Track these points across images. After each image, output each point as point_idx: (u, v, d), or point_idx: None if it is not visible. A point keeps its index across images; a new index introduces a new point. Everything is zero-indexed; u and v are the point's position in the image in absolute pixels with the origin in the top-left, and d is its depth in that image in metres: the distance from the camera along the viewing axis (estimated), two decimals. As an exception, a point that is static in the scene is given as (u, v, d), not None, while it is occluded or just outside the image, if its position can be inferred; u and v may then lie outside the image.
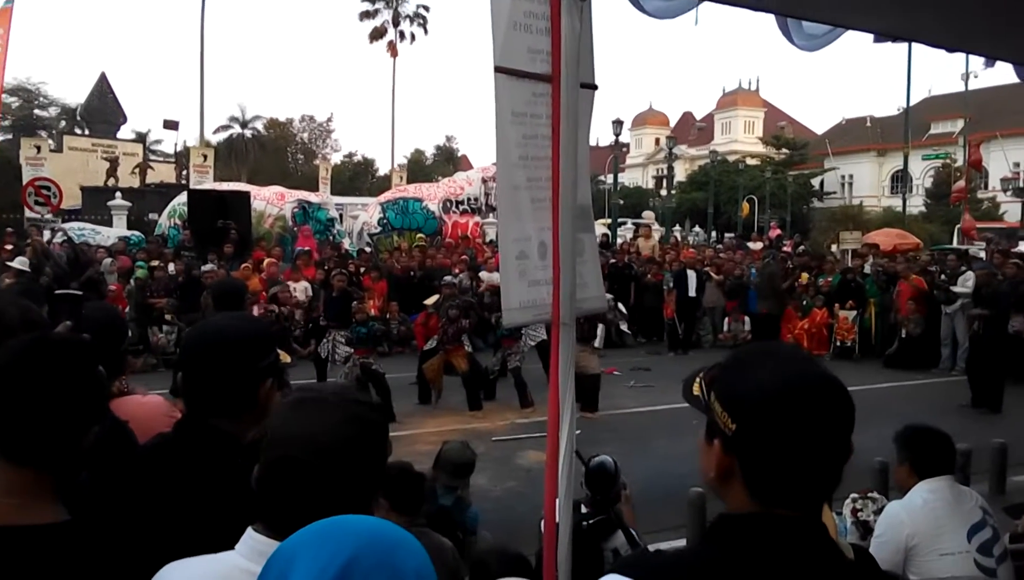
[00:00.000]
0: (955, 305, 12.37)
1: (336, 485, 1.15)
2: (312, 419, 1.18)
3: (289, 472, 1.15)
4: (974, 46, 4.05)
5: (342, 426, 1.17)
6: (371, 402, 1.28)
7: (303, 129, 59.92)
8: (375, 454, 1.22)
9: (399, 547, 0.91)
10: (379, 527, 0.94)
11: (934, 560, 2.76)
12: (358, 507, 1.18)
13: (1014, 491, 6.39)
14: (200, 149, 30.12)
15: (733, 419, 1.09)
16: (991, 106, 44.07)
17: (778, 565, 1.04)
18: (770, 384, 1.08)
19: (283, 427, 1.19)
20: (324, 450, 1.15)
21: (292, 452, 1.15)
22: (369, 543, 0.90)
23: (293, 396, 1.25)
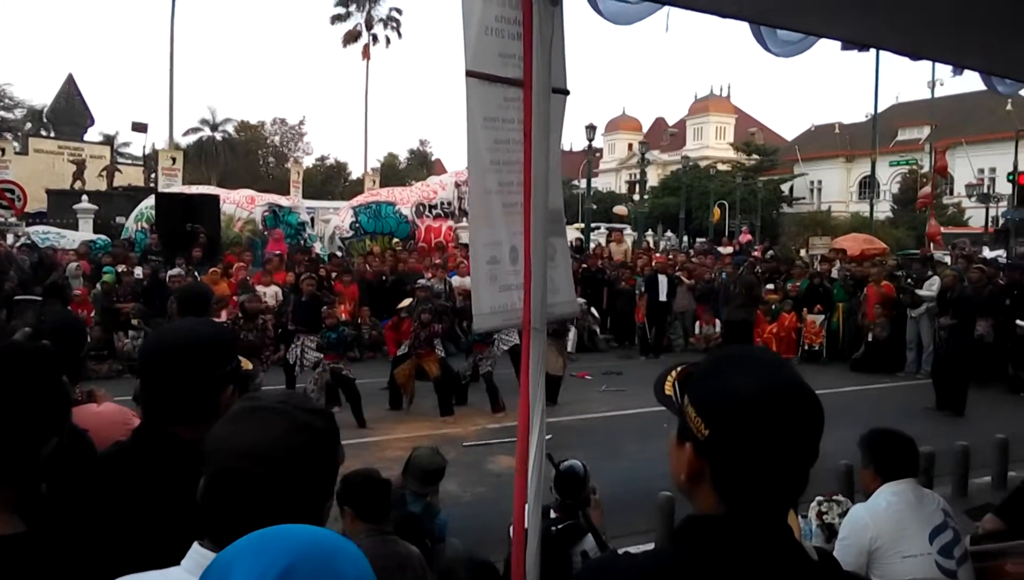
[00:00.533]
0: (920, 309, 12.60)
1: (283, 496, 1.12)
2: (256, 429, 1.15)
3: (233, 485, 1.12)
4: (939, 54, 4.13)
5: (288, 436, 1.14)
6: (319, 409, 1.24)
7: (275, 132, 59.52)
8: (324, 463, 1.19)
9: (338, 555, 0.90)
10: (317, 536, 0.93)
11: (897, 562, 2.79)
12: (307, 517, 1.16)
13: (976, 493, 6.51)
14: (169, 152, 29.73)
15: (707, 424, 1.10)
16: (957, 113, 45.04)
17: (745, 566, 1.05)
18: (744, 391, 1.09)
19: (226, 438, 1.16)
20: (269, 461, 1.12)
21: (235, 464, 1.12)
22: (306, 552, 0.88)
23: (237, 406, 1.21)
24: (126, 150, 45.95)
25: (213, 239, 15.60)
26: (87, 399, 2.25)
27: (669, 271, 15.27)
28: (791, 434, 1.07)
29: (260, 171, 54.86)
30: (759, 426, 1.06)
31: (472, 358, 9.88)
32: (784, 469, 1.08)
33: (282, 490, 1.12)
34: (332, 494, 1.24)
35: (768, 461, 1.07)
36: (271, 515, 1.11)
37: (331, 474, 1.22)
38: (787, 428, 1.07)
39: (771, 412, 1.07)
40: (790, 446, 1.07)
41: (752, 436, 1.06)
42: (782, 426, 1.06)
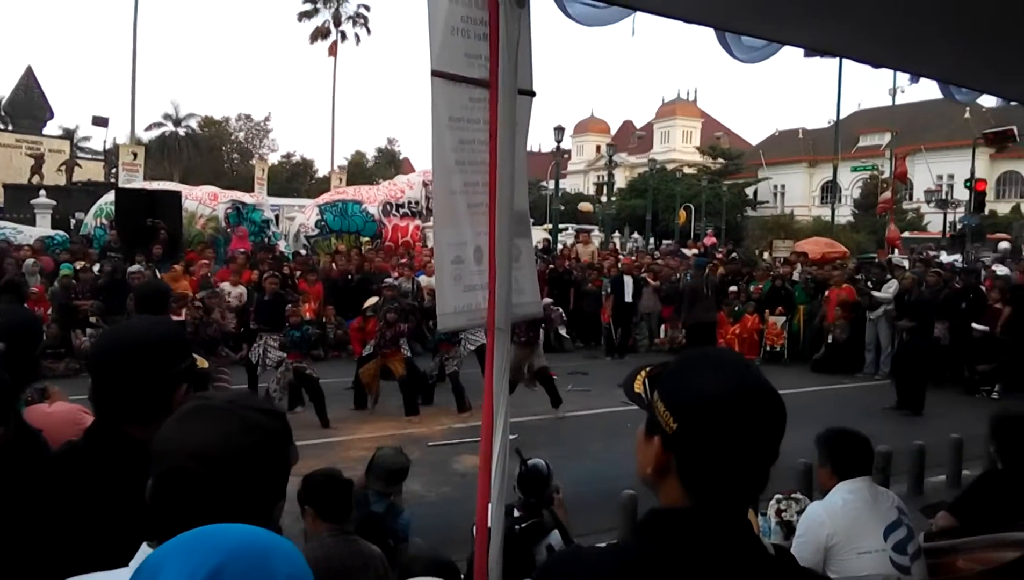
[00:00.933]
0: (878, 311, 12.87)
1: (232, 496, 1.11)
2: (204, 428, 1.14)
3: (181, 485, 1.11)
4: (899, 63, 4.22)
5: (237, 435, 1.13)
6: (269, 409, 1.22)
7: (239, 128, 58.84)
8: (274, 463, 1.17)
9: (272, 553, 0.90)
10: (250, 534, 0.92)
11: (852, 559, 2.85)
12: (257, 518, 1.16)
13: (931, 491, 6.66)
14: (130, 147, 29.15)
15: (675, 418, 1.14)
16: (917, 120, 46.10)
17: (706, 558, 1.08)
18: (713, 388, 1.13)
19: (174, 438, 1.14)
20: (218, 460, 1.11)
21: (183, 464, 1.11)
22: (238, 550, 0.88)
23: (185, 405, 1.20)
24: (86, 144, 45.11)
25: (174, 236, 15.34)
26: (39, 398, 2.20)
27: (635, 273, 15.39)
28: (755, 431, 1.11)
29: (224, 168, 54.13)
30: (726, 422, 1.10)
31: (438, 358, 9.86)
32: (747, 465, 1.12)
33: (231, 490, 1.11)
34: (284, 494, 1.22)
35: (733, 456, 1.11)
36: (220, 515, 1.10)
37: (282, 474, 1.21)
38: (752, 425, 1.11)
39: (737, 409, 1.11)
40: (754, 443, 1.11)
41: (718, 431, 1.10)
42: (747, 423, 1.11)
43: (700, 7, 3.09)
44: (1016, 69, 3.89)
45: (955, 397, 11.24)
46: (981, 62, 3.71)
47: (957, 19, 3.02)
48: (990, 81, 4.25)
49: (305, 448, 7.70)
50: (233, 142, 58.89)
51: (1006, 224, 37.13)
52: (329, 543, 2.98)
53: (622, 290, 14.62)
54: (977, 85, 4.20)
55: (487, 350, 2.70)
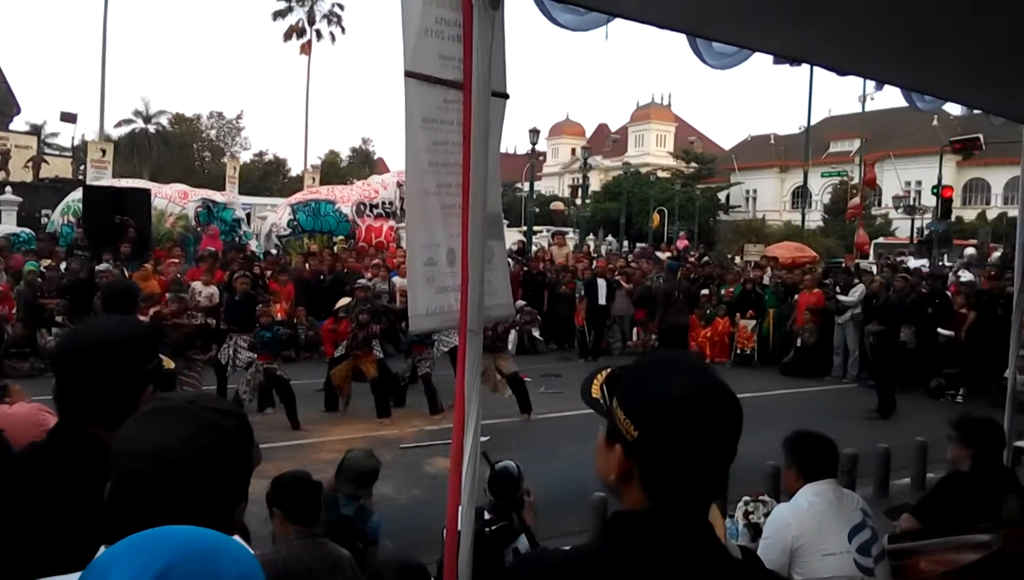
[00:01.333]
0: (846, 315, 13.06)
1: (191, 499, 1.10)
2: (163, 430, 1.12)
3: (139, 487, 1.10)
4: (864, 71, 4.29)
5: (197, 437, 1.12)
6: (230, 410, 1.21)
7: (211, 126, 58.15)
8: (234, 465, 1.16)
9: (220, 554, 0.89)
10: (198, 535, 0.91)
11: (817, 560, 2.89)
12: (217, 520, 1.14)
13: (897, 494, 6.76)
14: (99, 143, 28.73)
15: (636, 426, 1.14)
16: (886, 127, 46.87)
17: (667, 560, 1.09)
18: (671, 394, 1.14)
19: (132, 440, 1.13)
20: (176, 463, 1.10)
21: (142, 466, 1.10)
22: (185, 551, 0.87)
23: (145, 407, 1.19)
24: (54, 141, 44.28)
25: (143, 234, 15.12)
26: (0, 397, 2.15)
27: (608, 275, 15.45)
28: (715, 434, 1.13)
29: (195, 166, 53.47)
30: (687, 428, 1.11)
31: (411, 359, 9.82)
32: (708, 467, 1.14)
33: (190, 493, 1.10)
34: (245, 496, 1.21)
35: (694, 460, 1.12)
36: (179, 518, 1.09)
37: (243, 476, 1.20)
38: (712, 429, 1.12)
39: (698, 414, 1.12)
40: (714, 445, 1.13)
41: (680, 437, 1.11)
42: (707, 427, 1.12)
43: (673, 13, 3.12)
44: (979, 79, 3.98)
45: (920, 401, 11.43)
46: (945, 71, 3.78)
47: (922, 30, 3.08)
48: (954, 90, 4.33)
49: (275, 450, 7.64)
50: (204, 140, 58.19)
51: (972, 230, 37.84)
52: (297, 545, 2.95)
53: (595, 293, 14.68)
54: (941, 94, 4.28)
55: (459, 352, 2.69)
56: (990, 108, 4.90)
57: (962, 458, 3.71)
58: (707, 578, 1.10)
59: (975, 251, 29.09)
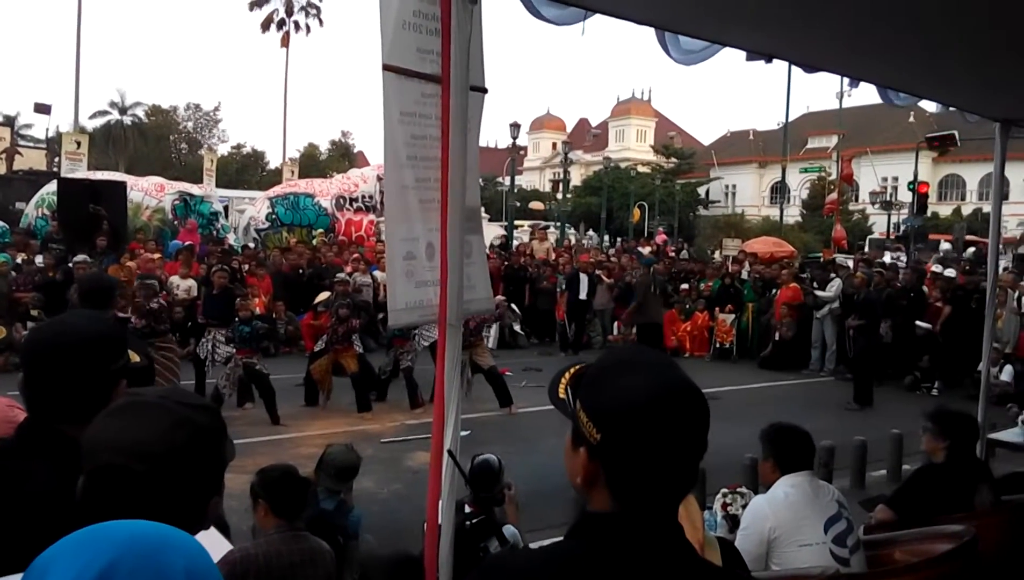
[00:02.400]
0: (824, 310, 13.20)
1: (164, 493, 1.10)
2: (135, 424, 1.12)
3: (112, 482, 1.09)
4: (837, 67, 4.31)
5: (168, 431, 1.12)
6: (202, 404, 1.21)
7: (188, 118, 57.51)
8: (207, 459, 1.16)
9: (166, 547, 0.88)
10: (144, 529, 0.90)
11: (793, 551, 2.92)
12: (190, 515, 1.15)
13: (873, 485, 6.85)
14: (74, 135, 28.30)
15: (598, 429, 1.12)
16: (863, 123, 47.31)
17: (633, 561, 1.08)
18: (634, 394, 1.11)
19: (104, 434, 1.12)
20: (149, 457, 1.09)
21: (114, 460, 1.09)
22: (130, 546, 0.86)
23: (117, 402, 1.18)
24: (27, 132, 43.50)
25: (118, 228, 14.93)
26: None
27: (590, 270, 15.46)
28: (681, 433, 1.10)
29: (172, 158, 52.88)
30: (650, 427, 1.09)
31: (393, 353, 9.79)
32: (675, 466, 1.12)
33: (163, 487, 1.10)
34: (218, 490, 1.21)
35: (660, 460, 1.10)
36: (151, 512, 1.08)
37: (216, 470, 1.19)
38: (677, 427, 1.10)
39: (661, 413, 1.10)
40: (680, 444, 1.11)
41: (644, 438, 1.09)
42: (672, 426, 1.09)
43: (649, 9, 3.13)
44: (952, 78, 4.03)
45: (896, 394, 11.58)
46: (918, 70, 3.83)
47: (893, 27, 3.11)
48: (928, 88, 4.38)
49: (255, 445, 7.60)
50: (181, 132, 57.54)
51: (948, 225, 38.36)
52: (277, 539, 2.95)
53: (577, 287, 14.68)
54: (915, 91, 4.33)
55: (438, 346, 2.69)
56: (964, 106, 4.97)
57: (937, 449, 3.77)
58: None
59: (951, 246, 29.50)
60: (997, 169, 5.31)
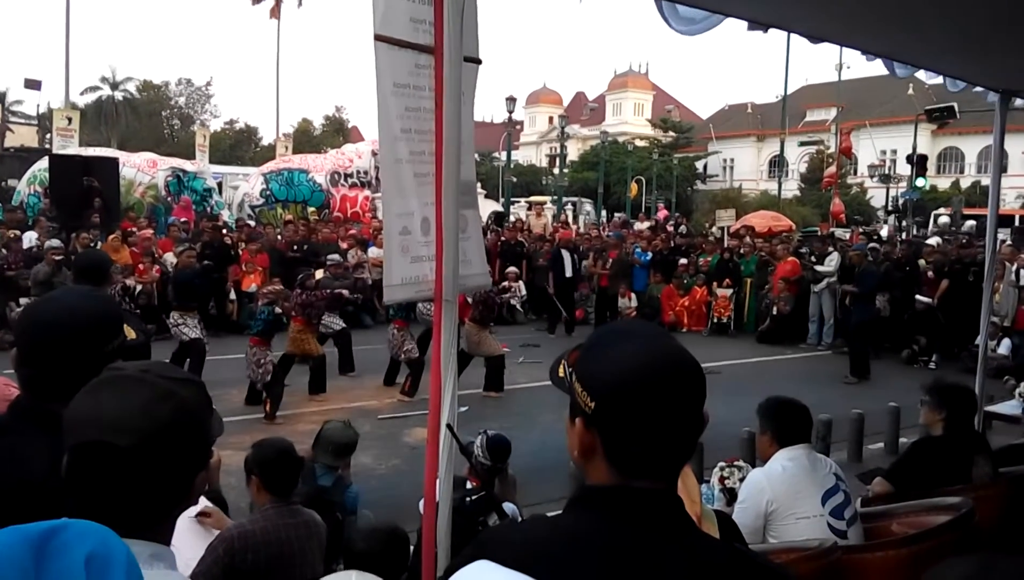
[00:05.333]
0: (821, 284, 13.20)
1: (148, 468, 1.08)
2: (117, 399, 1.09)
3: (94, 458, 1.07)
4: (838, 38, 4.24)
5: (151, 404, 1.09)
6: (185, 378, 1.19)
7: (180, 93, 56.96)
8: (191, 433, 1.14)
9: (61, 531, 0.81)
10: (37, 524, 0.82)
11: (791, 524, 2.93)
12: (176, 490, 1.13)
13: (870, 458, 6.89)
14: (65, 111, 27.98)
15: (592, 398, 1.12)
16: (862, 96, 47.04)
17: (633, 534, 1.07)
18: (625, 363, 1.11)
19: (86, 410, 1.10)
20: (131, 431, 1.06)
21: (96, 436, 1.06)
22: (19, 536, 0.79)
23: (99, 377, 1.15)
24: (18, 108, 43.13)
25: (111, 205, 14.84)
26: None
27: (572, 246, 15.19)
28: (672, 400, 1.09)
29: (164, 134, 52.50)
30: (641, 394, 1.09)
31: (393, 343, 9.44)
32: (668, 437, 1.10)
33: (147, 462, 1.07)
34: (204, 465, 1.18)
35: (652, 429, 1.09)
36: (136, 487, 1.07)
37: (201, 444, 1.17)
38: (668, 394, 1.09)
39: (651, 379, 1.09)
40: (672, 412, 1.09)
41: (635, 404, 1.09)
42: (663, 392, 1.09)
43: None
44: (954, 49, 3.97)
45: (894, 367, 11.63)
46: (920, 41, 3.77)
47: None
48: (929, 59, 4.32)
49: (252, 422, 7.62)
50: (173, 107, 57.05)
51: (946, 198, 38.30)
52: (273, 515, 2.96)
53: (561, 265, 14.50)
54: (916, 62, 4.27)
55: (434, 322, 2.66)
56: (965, 77, 4.91)
57: (935, 422, 3.77)
58: (674, 555, 1.07)
59: (948, 219, 29.47)
60: (996, 140, 5.27)
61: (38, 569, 0.77)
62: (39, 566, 0.77)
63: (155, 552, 1.11)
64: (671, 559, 1.06)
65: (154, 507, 1.12)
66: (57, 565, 0.78)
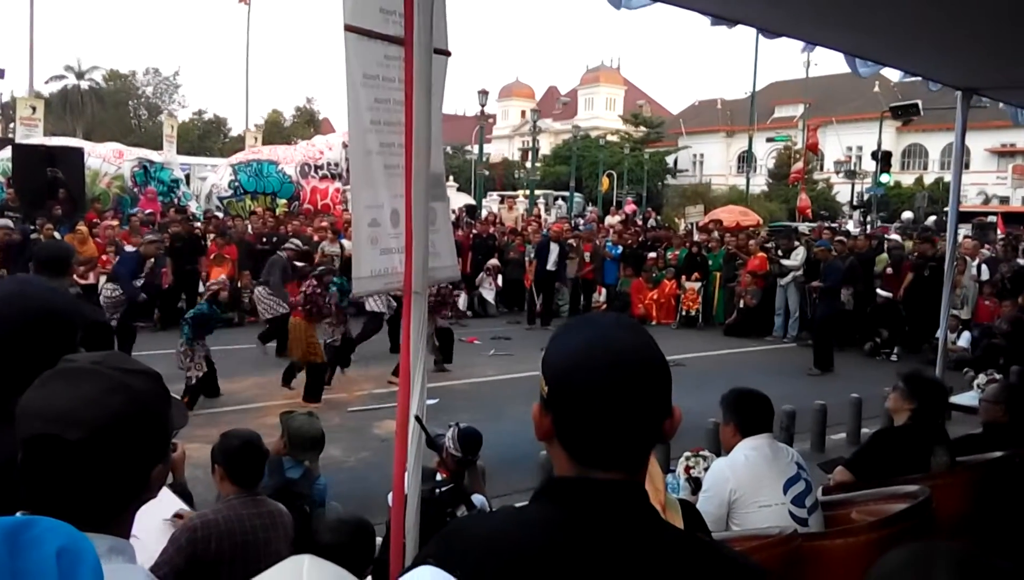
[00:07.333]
0: (787, 278, 13.40)
1: (103, 461, 1.07)
2: (67, 391, 1.08)
3: (47, 451, 1.05)
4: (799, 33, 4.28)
5: (102, 396, 1.08)
6: (140, 369, 1.17)
7: (147, 83, 55.83)
8: (146, 426, 1.12)
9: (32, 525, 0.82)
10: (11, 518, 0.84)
11: (753, 511, 2.98)
12: (131, 483, 1.12)
13: (833, 448, 7.02)
14: (28, 100, 27.37)
15: (546, 382, 1.15)
16: (829, 93, 47.62)
17: (596, 525, 1.08)
18: (575, 348, 1.13)
19: (37, 402, 1.08)
20: (82, 424, 1.05)
21: (47, 429, 1.05)
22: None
23: (52, 369, 1.13)
24: (-21, 97, 42.10)
25: (76, 195, 14.56)
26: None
27: (562, 239, 15.29)
28: (617, 390, 1.08)
29: (131, 124, 51.54)
30: (584, 381, 1.10)
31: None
32: (618, 424, 1.09)
33: (101, 455, 1.06)
34: (162, 457, 1.18)
35: (600, 416, 1.09)
36: (90, 481, 1.06)
37: (158, 437, 1.16)
38: (611, 384, 1.09)
39: (594, 368, 1.10)
40: (618, 402, 1.08)
41: (579, 391, 1.10)
42: (605, 382, 1.09)
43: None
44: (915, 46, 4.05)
45: (856, 359, 11.83)
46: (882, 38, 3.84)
47: None
48: (892, 55, 4.40)
49: (220, 415, 7.55)
50: (140, 97, 55.96)
51: (910, 195, 38.97)
52: (237, 504, 2.96)
53: (546, 257, 14.54)
54: (879, 59, 4.34)
55: (403, 314, 2.66)
56: (927, 74, 5.01)
57: (902, 410, 3.83)
58: (636, 546, 1.08)
59: (912, 214, 30.00)
60: (958, 137, 5.39)
61: (12, 560, 0.78)
62: (13, 557, 0.78)
63: (113, 545, 1.10)
64: (632, 551, 1.06)
65: (110, 500, 1.11)
66: (30, 557, 0.79)
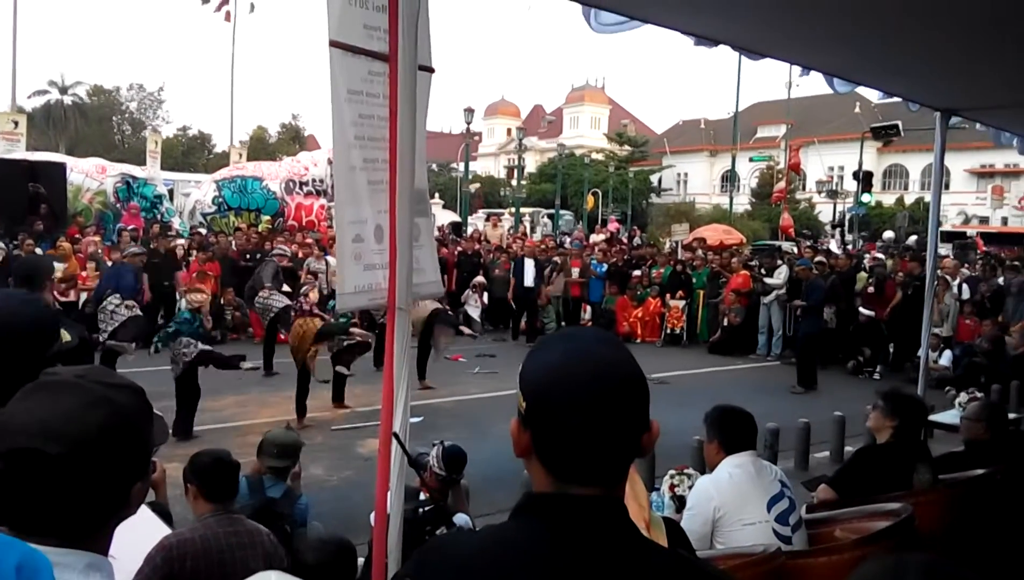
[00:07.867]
0: (771, 296, 13.49)
1: (82, 477, 1.05)
2: (48, 405, 1.06)
3: (26, 466, 1.03)
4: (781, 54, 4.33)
5: (83, 411, 1.06)
6: (123, 383, 1.15)
7: (131, 98, 55.73)
8: (127, 441, 1.11)
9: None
10: None
11: (737, 529, 2.97)
12: (111, 499, 1.11)
13: (816, 466, 7.03)
14: (11, 115, 27.18)
15: (524, 397, 1.13)
16: (811, 114, 48.27)
17: (576, 542, 1.06)
18: (552, 363, 1.12)
19: (16, 416, 1.06)
20: (62, 438, 1.04)
21: (26, 443, 1.03)
22: None
23: (33, 382, 1.12)
24: (-40, 111, 41.80)
25: (58, 211, 14.44)
26: None
27: (538, 255, 15.34)
28: (591, 405, 1.07)
29: (114, 140, 51.36)
30: (558, 396, 1.09)
31: None
32: (593, 440, 1.08)
33: (79, 470, 1.05)
34: (143, 474, 1.16)
35: (575, 431, 1.08)
36: (70, 496, 1.05)
37: (138, 453, 1.14)
38: (585, 399, 1.08)
39: (569, 382, 1.09)
40: (593, 417, 1.07)
41: (554, 406, 1.09)
42: (580, 397, 1.08)
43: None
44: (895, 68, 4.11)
45: (839, 377, 11.90)
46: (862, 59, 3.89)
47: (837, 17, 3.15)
48: (871, 77, 4.46)
49: (202, 433, 7.46)
50: (124, 113, 55.81)
51: (891, 214, 39.42)
52: (213, 523, 2.91)
53: (522, 274, 14.56)
54: (859, 80, 4.40)
55: (387, 330, 2.65)
56: (906, 95, 5.08)
57: (884, 427, 3.83)
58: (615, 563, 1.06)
59: (893, 234, 30.35)
60: (937, 157, 5.46)
61: None
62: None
63: (91, 562, 1.08)
64: (612, 567, 1.05)
65: (89, 516, 1.09)
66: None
